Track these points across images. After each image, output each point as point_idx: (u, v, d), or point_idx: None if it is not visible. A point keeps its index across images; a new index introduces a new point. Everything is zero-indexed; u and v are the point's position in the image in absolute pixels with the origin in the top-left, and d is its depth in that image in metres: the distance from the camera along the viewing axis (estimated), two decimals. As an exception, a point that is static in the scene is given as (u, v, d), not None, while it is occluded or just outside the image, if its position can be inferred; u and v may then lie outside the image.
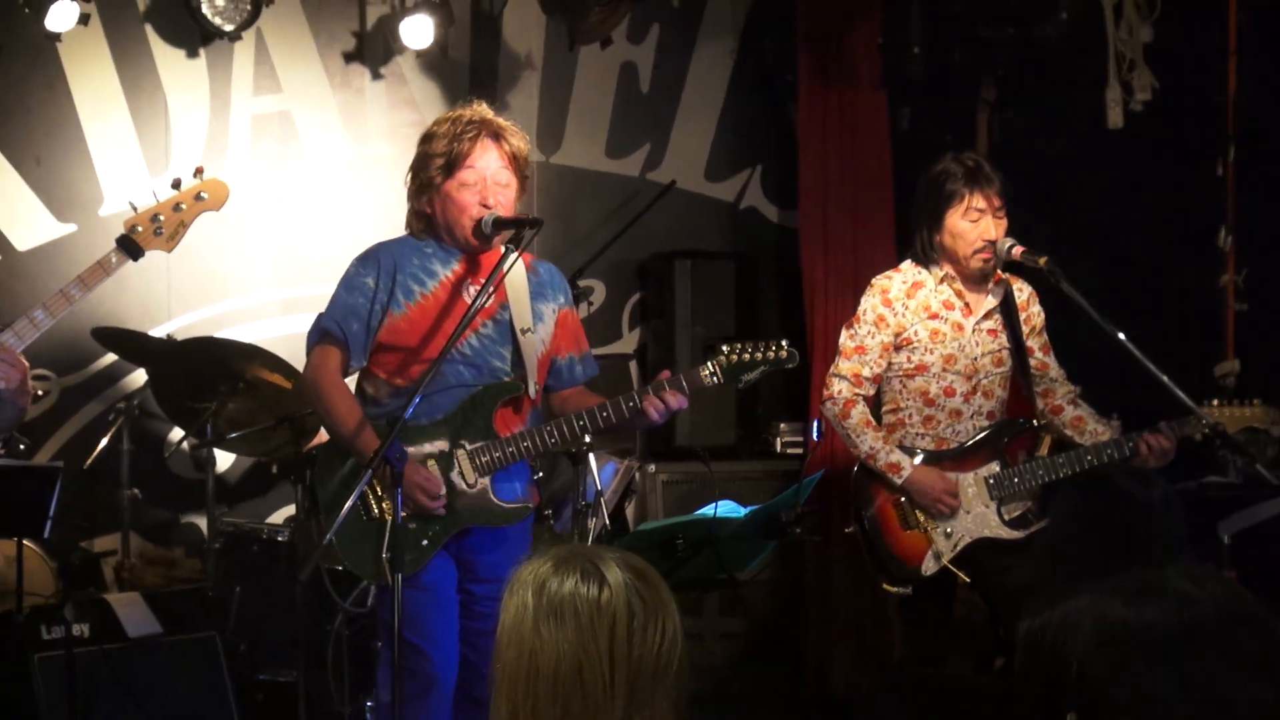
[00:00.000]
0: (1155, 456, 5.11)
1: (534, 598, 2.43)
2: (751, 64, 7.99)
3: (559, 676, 2.38)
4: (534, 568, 2.47)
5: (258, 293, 7.26)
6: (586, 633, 2.39)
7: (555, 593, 2.42)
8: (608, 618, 2.40)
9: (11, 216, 6.92)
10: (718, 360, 4.58)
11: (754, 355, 4.60)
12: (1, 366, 4.36)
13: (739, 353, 4.59)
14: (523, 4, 7.46)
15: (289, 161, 7.33)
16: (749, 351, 4.60)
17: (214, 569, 6.48)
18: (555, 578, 2.44)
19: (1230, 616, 1.87)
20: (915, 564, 5.36)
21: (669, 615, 2.44)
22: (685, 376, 4.55)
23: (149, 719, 5.82)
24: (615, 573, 2.43)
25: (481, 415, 4.64)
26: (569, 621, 2.40)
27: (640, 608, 2.42)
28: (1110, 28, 6.55)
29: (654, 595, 2.45)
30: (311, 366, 4.72)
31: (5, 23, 6.81)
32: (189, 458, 6.86)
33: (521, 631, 2.42)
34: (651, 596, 2.44)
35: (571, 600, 2.41)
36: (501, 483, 4.67)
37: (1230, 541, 4.69)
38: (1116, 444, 5.22)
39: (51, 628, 5.73)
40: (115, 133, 7.06)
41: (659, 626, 2.42)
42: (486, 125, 4.66)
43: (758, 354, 4.60)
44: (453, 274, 4.70)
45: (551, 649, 2.39)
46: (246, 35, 6.99)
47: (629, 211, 7.55)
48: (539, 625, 2.41)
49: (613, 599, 2.41)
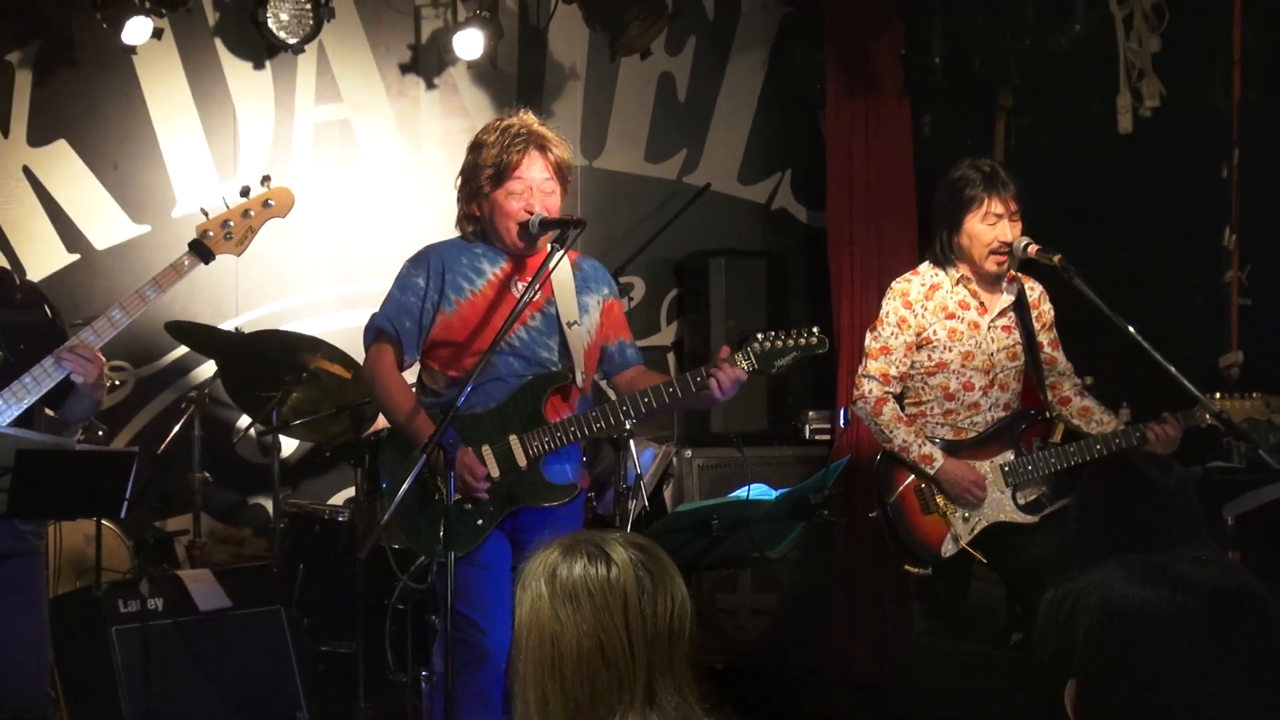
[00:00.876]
0: (1162, 444, 5.09)
1: (547, 586, 2.42)
2: (782, 74, 7.98)
3: (582, 655, 2.38)
4: (542, 558, 2.46)
5: (319, 289, 7.29)
6: (602, 610, 2.38)
7: (567, 578, 2.41)
8: (619, 593, 2.39)
9: (90, 218, 6.96)
10: (751, 348, 4.56)
11: (786, 342, 4.56)
12: (81, 362, 4.39)
13: (771, 340, 4.56)
14: (567, 18, 7.46)
15: (348, 166, 7.36)
16: (781, 339, 4.57)
17: (279, 547, 6.51)
18: (564, 564, 2.43)
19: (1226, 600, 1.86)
20: (935, 546, 5.35)
21: (675, 583, 2.44)
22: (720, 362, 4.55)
23: (218, 687, 5.86)
24: (620, 551, 2.43)
25: (531, 403, 4.64)
26: (584, 602, 2.39)
27: (648, 580, 2.41)
28: (1120, 38, 6.52)
29: (659, 567, 2.45)
30: (369, 362, 4.75)
31: (84, 37, 6.85)
32: (255, 443, 6.89)
33: (540, 619, 2.41)
34: (657, 568, 2.44)
35: (583, 582, 2.40)
36: (552, 465, 4.67)
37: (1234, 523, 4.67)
38: (1125, 434, 5.20)
39: (128, 602, 5.77)
40: (186, 139, 7.09)
41: (668, 594, 2.42)
42: (533, 137, 4.66)
43: (789, 340, 4.57)
44: (500, 272, 4.71)
45: (571, 631, 2.38)
46: (309, 48, 7.02)
47: (667, 212, 7.57)
48: (556, 610, 2.40)
49: (621, 575, 2.40)
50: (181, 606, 5.92)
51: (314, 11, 6.87)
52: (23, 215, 6.84)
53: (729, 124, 7.97)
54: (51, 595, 5.31)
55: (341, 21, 7.17)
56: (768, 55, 8.00)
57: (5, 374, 4.37)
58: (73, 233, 6.93)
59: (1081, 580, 1.93)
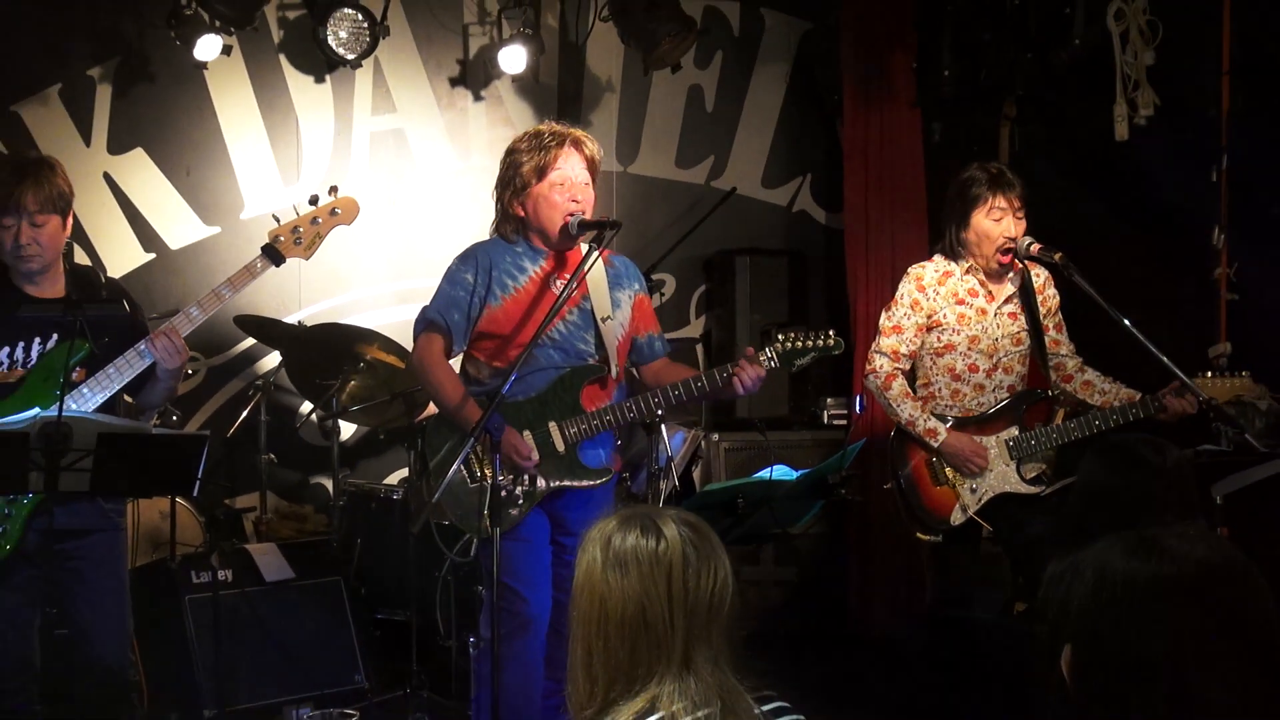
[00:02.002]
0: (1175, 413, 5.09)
1: (601, 552, 2.45)
2: (802, 86, 7.97)
3: (626, 619, 2.39)
4: (601, 527, 2.49)
5: (375, 285, 7.30)
6: (648, 579, 2.40)
7: (619, 547, 2.43)
8: (665, 566, 2.41)
9: (165, 220, 6.99)
10: (774, 347, 4.57)
11: (805, 343, 4.58)
12: (171, 348, 4.42)
13: (793, 340, 4.58)
14: (603, 35, 7.46)
15: (402, 172, 7.37)
16: (801, 340, 4.58)
17: (338, 523, 6.52)
18: (619, 534, 2.45)
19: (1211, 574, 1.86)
20: (945, 515, 5.36)
21: (720, 561, 2.45)
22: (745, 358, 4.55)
23: (283, 652, 5.88)
24: (671, 527, 2.45)
25: (570, 393, 4.64)
26: (632, 570, 2.41)
27: (694, 556, 2.42)
28: (1117, 52, 6.49)
29: (706, 544, 2.46)
30: (419, 350, 4.74)
31: (159, 54, 6.87)
32: (317, 427, 6.91)
33: (592, 582, 2.44)
34: (704, 545, 2.45)
35: (634, 552, 2.42)
36: (588, 450, 4.67)
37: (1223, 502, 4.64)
38: (1144, 403, 5.19)
39: (200, 573, 5.79)
40: (253, 147, 7.11)
41: (711, 571, 2.43)
42: (568, 135, 4.67)
43: (809, 342, 4.59)
44: (540, 270, 4.70)
45: (618, 595, 2.40)
46: (366, 63, 7.02)
47: (695, 214, 7.56)
48: (607, 575, 2.42)
49: (669, 549, 2.42)
50: (249, 577, 5.94)
51: (370, 29, 6.88)
52: (104, 218, 6.87)
53: (753, 132, 7.96)
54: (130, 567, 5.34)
55: (396, 38, 7.18)
56: (789, 69, 7.98)
57: (90, 364, 4.40)
58: (149, 234, 6.96)
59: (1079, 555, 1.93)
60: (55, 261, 4.50)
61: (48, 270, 4.49)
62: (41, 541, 4.35)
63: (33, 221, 4.38)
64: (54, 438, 3.96)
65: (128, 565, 4.89)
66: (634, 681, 2.38)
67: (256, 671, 5.78)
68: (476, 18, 7.44)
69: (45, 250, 4.43)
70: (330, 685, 5.90)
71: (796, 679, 2.68)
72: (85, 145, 6.84)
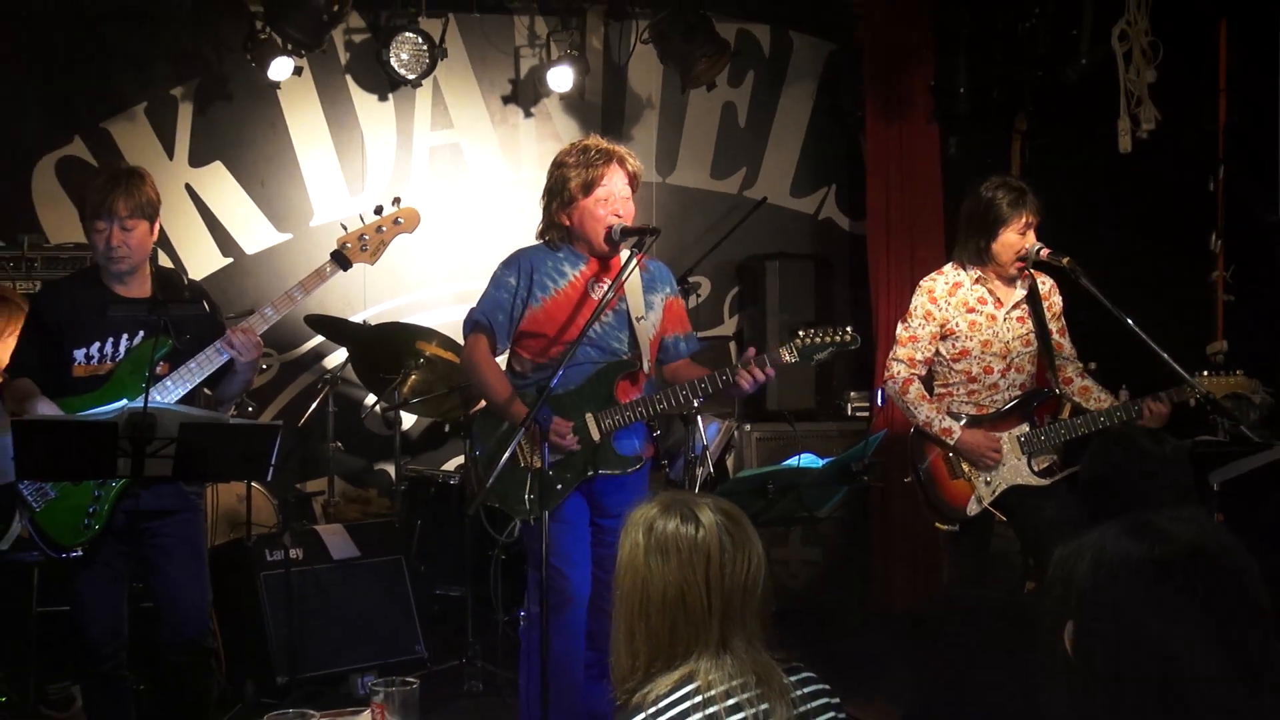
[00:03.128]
0: (1155, 419, 5.05)
1: (644, 537, 2.44)
2: (828, 103, 7.95)
3: (666, 601, 2.39)
4: (643, 512, 2.48)
5: (434, 287, 7.33)
6: (686, 565, 2.40)
7: (661, 532, 2.43)
8: (703, 552, 2.40)
9: (242, 227, 7.04)
10: (794, 343, 4.57)
11: (823, 339, 4.56)
12: (246, 345, 4.44)
13: (811, 337, 4.56)
14: (644, 56, 7.46)
15: (458, 183, 7.40)
16: (819, 335, 4.57)
17: (400, 506, 6.55)
18: (660, 520, 2.44)
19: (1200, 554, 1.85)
20: (961, 506, 5.32)
21: (754, 547, 2.44)
22: (769, 355, 4.54)
23: (348, 624, 5.91)
24: (708, 515, 2.44)
25: (605, 386, 4.64)
26: (672, 556, 2.41)
27: (729, 542, 2.42)
28: (1121, 70, 6.45)
29: (741, 531, 2.45)
30: (468, 349, 4.73)
31: (236, 75, 6.93)
32: (380, 418, 6.94)
33: (635, 565, 2.43)
34: (739, 533, 2.44)
35: (674, 538, 2.42)
36: (622, 439, 4.66)
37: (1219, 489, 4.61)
38: (1124, 408, 5.16)
39: (273, 551, 5.84)
40: (322, 160, 7.16)
41: (745, 557, 2.42)
42: (613, 152, 4.65)
43: (827, 338, 4.57)
44: (581, 274, 4.69)
45: (659, 578, 2.40)
46: (425, 83, 7.06)
47: (729, 221, 7.55)
48: (648, 559, 2.42)
49: (707, 537, 2.41)
50: (318, 556, 5.98)
51: (430, 51, 6.91)
52: (185, 225, 6.92)
53: (782, 145, 7.95)
54: (210, 546, 5.38)
55: (453, 60, 7.21)
56: (815, 87, 7.96)
57: (173, 359, 4.43)
58: (226, 240, 7.01)
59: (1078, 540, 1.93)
60: (143, 264, 4.53)
61: (136, 271, 4.51)
62: (129, 521, 4.39)
63: (123, 226, 4.41)
64: (140, 427, 3.98)
65: (207, 543, 4.93)
66: (673, 658, 2.38)
67: (324, 642, 5.82)
68: (527, 40, 7.46)
69: (134, 253, 4.45)
70: (392, 655, 5.93)
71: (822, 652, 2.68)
72: (169, 159, 6.89)
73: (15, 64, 6.60)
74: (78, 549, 4.35)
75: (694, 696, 2.33)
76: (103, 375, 4.42)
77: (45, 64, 6.66)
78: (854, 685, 3.81)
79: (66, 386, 4.41)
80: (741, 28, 7.77)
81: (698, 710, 2.32)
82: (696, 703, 2.32)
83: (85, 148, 6.79)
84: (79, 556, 4.36)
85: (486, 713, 5.66)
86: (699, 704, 2.32)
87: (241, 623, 5.72)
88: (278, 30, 6.40)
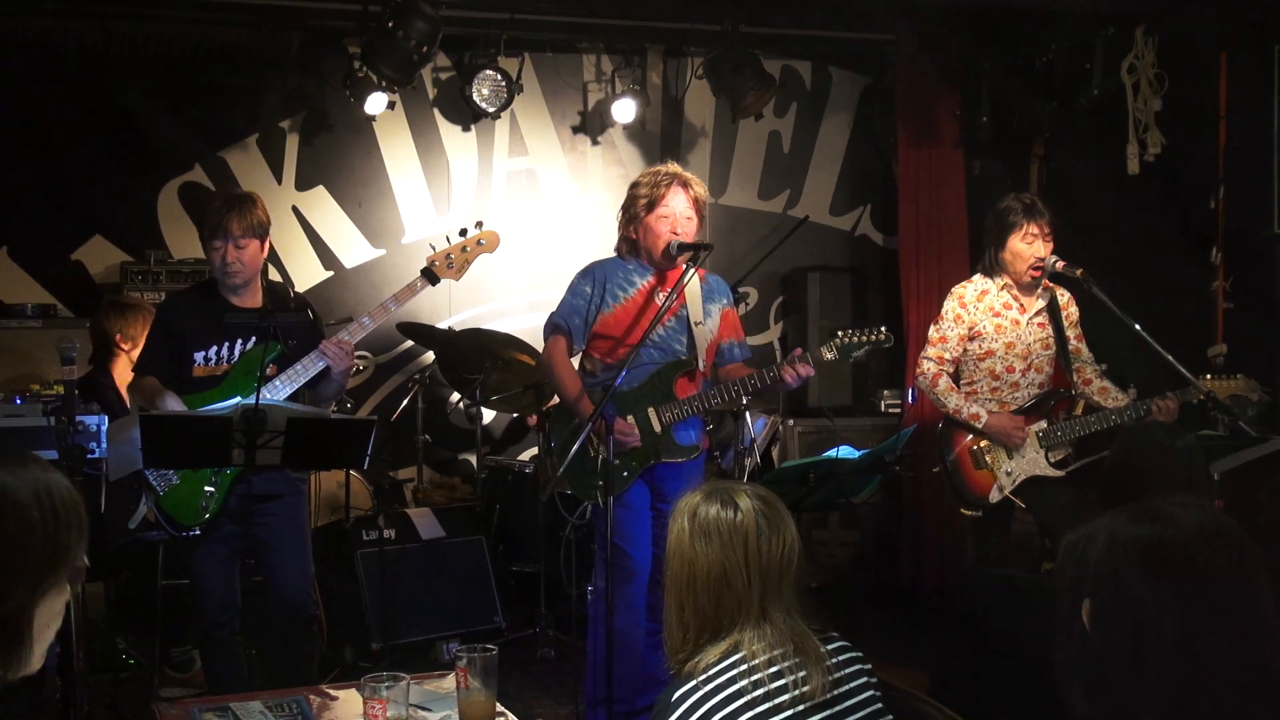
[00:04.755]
0: (1163, 415, 4.98)
1: (688, 522, 2.44)
2: (863, 130, 7.91)
3: (710, 579, 2.39)
4: (688, 500, 2.49)
5: (511, 297, 7.35)
6: (727, 546, 2.39)
7: (703, 517, 2.43)
8: (742, 534, 2.40)
9: (341, 243, 7.08)
10: (834, 341, 4.55)
11: (860, 338, 4.56)
12: (341, 353, 4.47)
13: (850, 336, 4.56)
14: (698, 90, 7.45)
15: (532, 204, 7.41)
16: (857, 335, 4.56)
17: (481, 492, 6.57)
18: (703, 506, 2.45)
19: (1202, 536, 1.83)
20: (984, 494, 5.28)
21: (788, 529, 2.44)
22: (812, 354, 4.52)
23: (435, 597, 5.94)
24: (746, 500, 2.44)
25: (665, 383, 4.64)
26: (714, 538, 2.40)
27: (765, 525, 2.42)
28: (1129, 100, 6.40)
29: (775, 514, 2.45)
30: (547, 350, 4.76)
31: (337, 108, 6.98)
32: (464, 413, 6.97)
33: (681, 548, 2.44)
34: (774, 516, 2.44)
35: (715, 522, 2.41)
36: (680, 431, 4.67)
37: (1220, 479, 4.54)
38: (1134, 406, 5.09)
39: (369, 532, 5.86)
40: (412, 184, 7.19)
41: (780, 537, 2.42)
42: (678, 177, 4.67)
43: (863, 337, 4.56)
44: (647, 284, 4.71)
45: (703, 560, 2.40)
46: (504, 115, 7.07)
47: (774, 238, 7.53)
48: (693, 543, 2.42)
49: (745, 520, 2.41)
50: (409, 536, 6.01)
51: (507, 87, 6.93)
52: (292, 242, 6.98)
53: (822, 169, 7.91)
54: (313, 527, 5.41)
55: (528, 94, 7.23)
56: (852, 117, 7.93)
57: (281, 362, 4.47)
58: (328, 255, 7.06)
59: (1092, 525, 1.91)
60: (255, 278, 4.56)
61: (248, 285, 4.55)
62: (241, 504, 4.43)
63: (237, 244, 4.44)
64: (252, 421, 4.01)
65: (310, 524, 4.96)
66: (720, 630, 2.38)
67: (414, 612, 5.85)
68: (594, 76, 7.46)
69: (246, 268, 4.49)
70: (474, 624, 5.95)
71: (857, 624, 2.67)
72: (278, 183, 6.95)
73: (147, 101, 6.68)
74: (196, 529, 4.39)
75: (740, 665, 2.33)
76: (219, 375, 4.46)
77: (171, 100, 6.73)
78: (886, 653, 3.79)
79: (187, 385, 4.45)
80: (786, 64, 7.75)
81: (744, 677, 2.31)
82: (743, 669, 2.32)
83: (204, 174, 6.85)
84: (197, 535, 4.41)
85: (557, 676, 5.66)
86: (745, 671, 2.32)
87: (341, 595, 5.76)
88: (373, 69, 6.44)
